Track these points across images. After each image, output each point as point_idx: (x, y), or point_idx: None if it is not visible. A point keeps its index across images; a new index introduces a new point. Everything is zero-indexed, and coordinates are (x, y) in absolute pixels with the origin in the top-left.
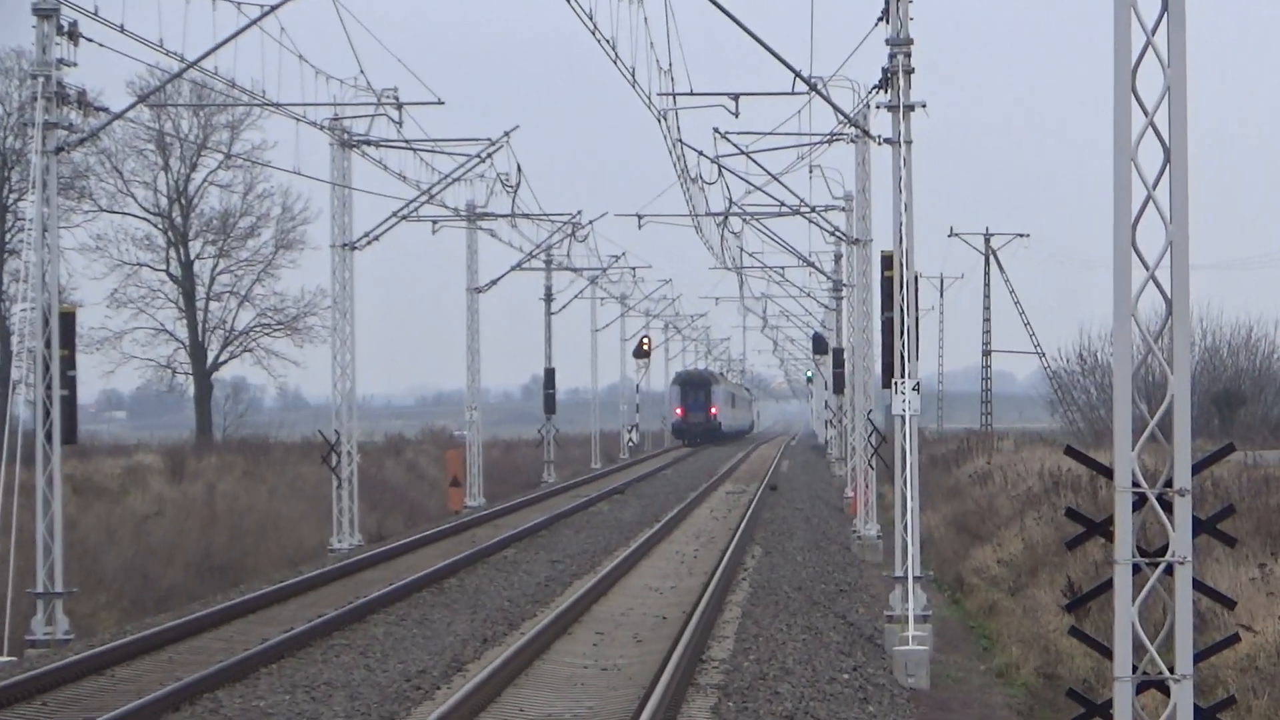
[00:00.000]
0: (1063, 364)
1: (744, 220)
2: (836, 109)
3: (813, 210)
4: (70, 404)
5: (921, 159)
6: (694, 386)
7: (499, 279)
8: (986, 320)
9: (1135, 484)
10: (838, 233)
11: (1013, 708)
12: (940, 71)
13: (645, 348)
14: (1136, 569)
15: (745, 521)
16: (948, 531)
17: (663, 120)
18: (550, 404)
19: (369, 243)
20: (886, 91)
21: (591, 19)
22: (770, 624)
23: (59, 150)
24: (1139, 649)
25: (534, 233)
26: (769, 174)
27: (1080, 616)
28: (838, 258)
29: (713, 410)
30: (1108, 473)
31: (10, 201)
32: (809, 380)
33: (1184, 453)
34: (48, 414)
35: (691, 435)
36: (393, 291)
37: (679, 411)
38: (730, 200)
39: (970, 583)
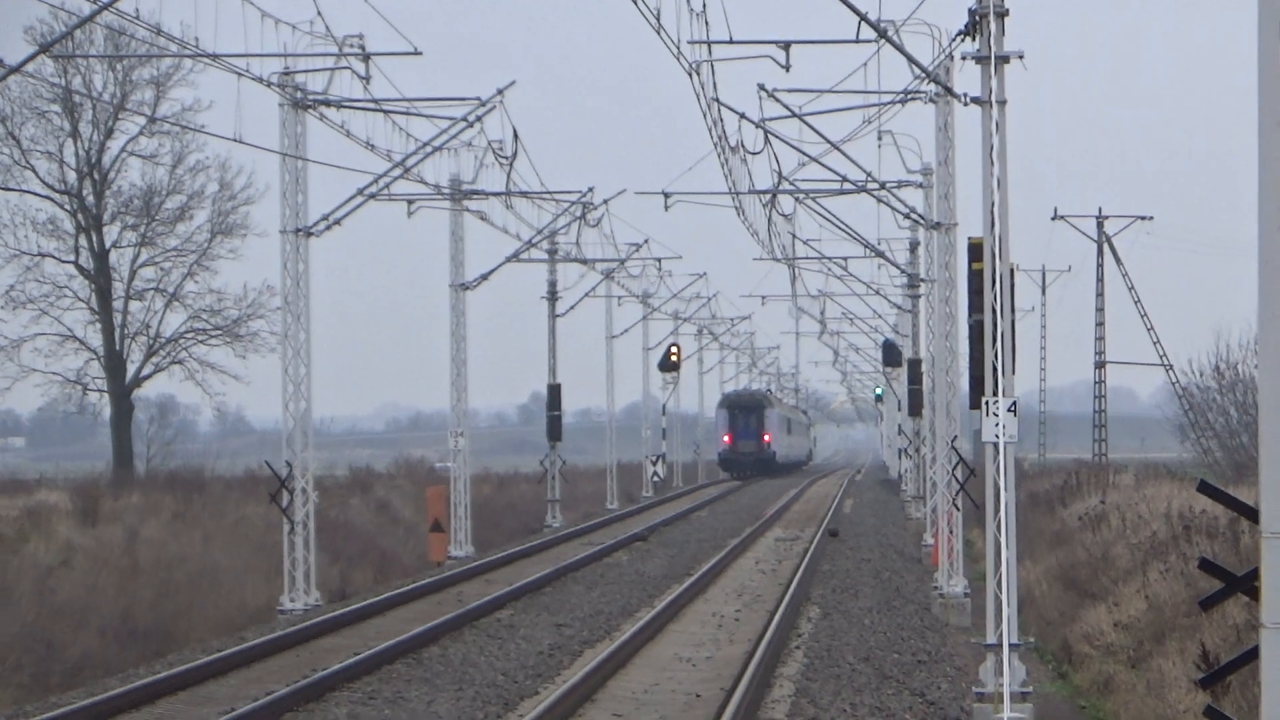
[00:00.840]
0: (1195, 379)
1: (796, 199)
2: (912, 60)
3: (882, 187)
4: None
5: (1018, 123)
6: (744, 410)
7: (491, 273)
8: (1100, 324)
9: None
10: (913, 215)
11: None
12: (1042, 17)
13: (674, 358)
14: None
15: (799, 575)
16: (1052, 587)
17: (695, 75)
18: (555, 429)
19: (329, 227)
20: (974, 39)
21: None
22: (831, 704)
23: None
24: None
25: (535, 215)
26: (828, 142)
27: (1218, 693)
28: (914, 246)
29: (766, 438)
30: (1252, 514)
31: None
32: (878, 399)
33: None
34: None
35: (741, 467)
36: (358, 289)
37: (727, 439)
38: (779, 174)
39: (1080, 652)
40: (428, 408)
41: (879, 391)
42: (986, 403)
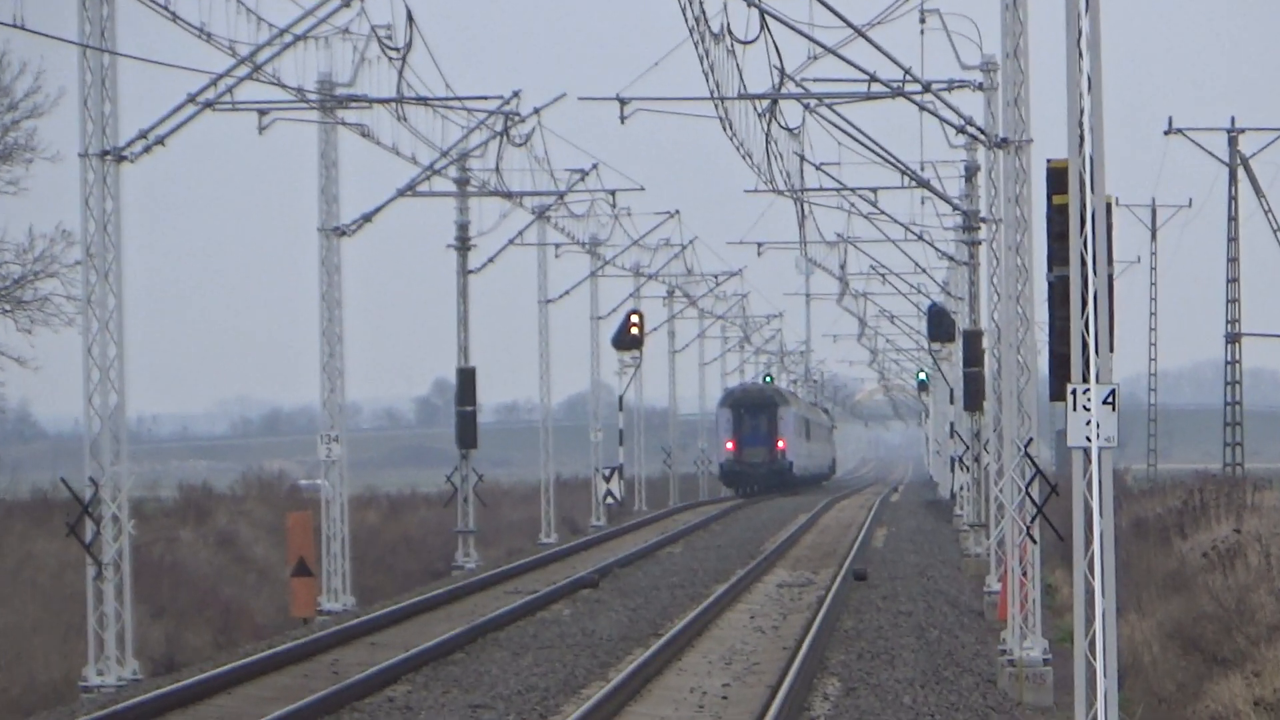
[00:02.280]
0: None
1: (806, 107)
2: None
3: (926, 90)
4: None
5: (1115, 3)
6: (753, 410)
7: (376, 212)
8: (1233, 280)
9: None
10: (970, 128)
11: None
12: None
13: (634, 330)
14: None
15: (812, 635)
16: (1167, 650)
17: None
18: (468, 431)
19: (148, 149)
20: None
21: None
22: None
23: None
24: None
25: (439, 132)
26: (849, 26)
27: None
28: (970, 173)
29: (780, 444)
30: None
31: None
32: (921, 386)
33: None
34: None
35: (749, 480)
36: (194, 237)
37: (730, 445)
38: (782, 72)
39: None
40: (289, 403)
41: (923, 376)
42: (1074, 392)
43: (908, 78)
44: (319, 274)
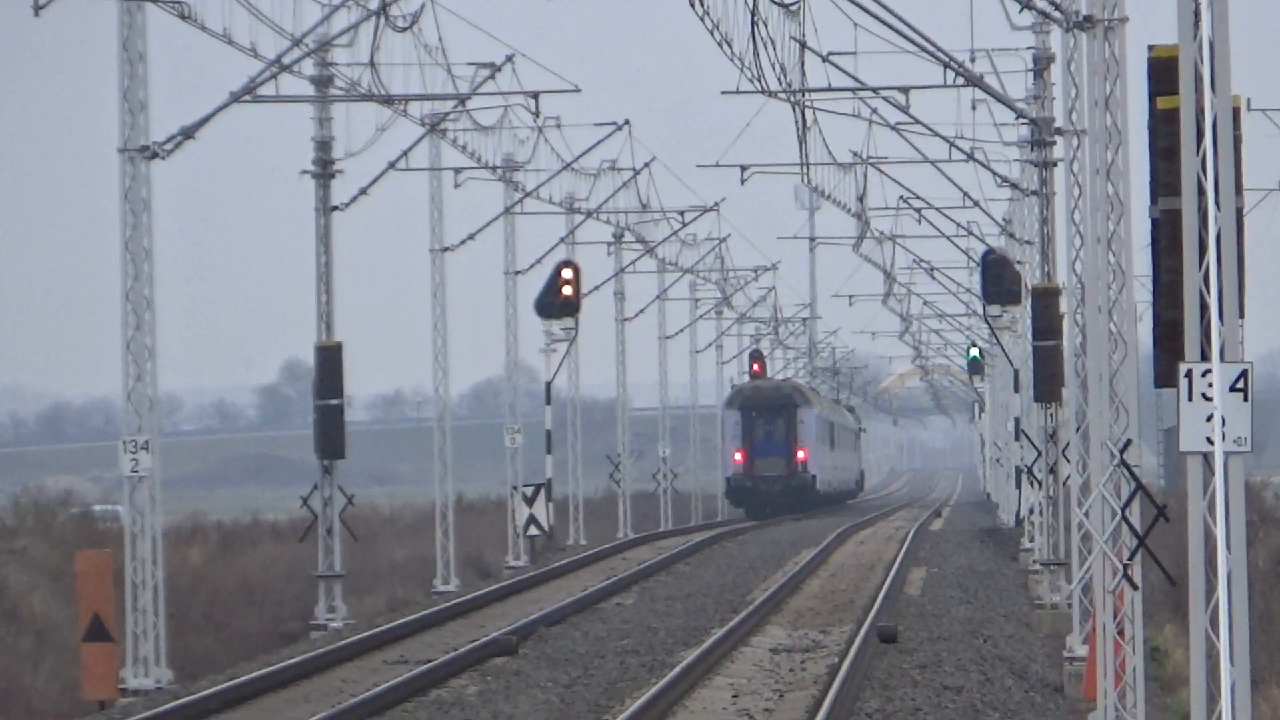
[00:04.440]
0: None
1: None
2: None
3: None
4: None
5: None
6: (766, 412)
7: (200, 125)
8: None
9: None
10: (1038, 1)
11: None
12: None
13: (566, 289)
14: None
15: None
16: None
17: None
18: (332, 433)
19: None
20: None
21: None
22: None
23: None
24: None
25: (290, 13)
26: None
27: None
28: (1039, 66)
29: (800, 454)
30: None
31: None
32: (973, 366)
33: None
34: None
35: (762, 499)
36: None
37: (739, 456)
38: None
39: None
40: (78, 395)
41: (975, 353)
42: (1189, 374)
43: None
44: (120, 212)
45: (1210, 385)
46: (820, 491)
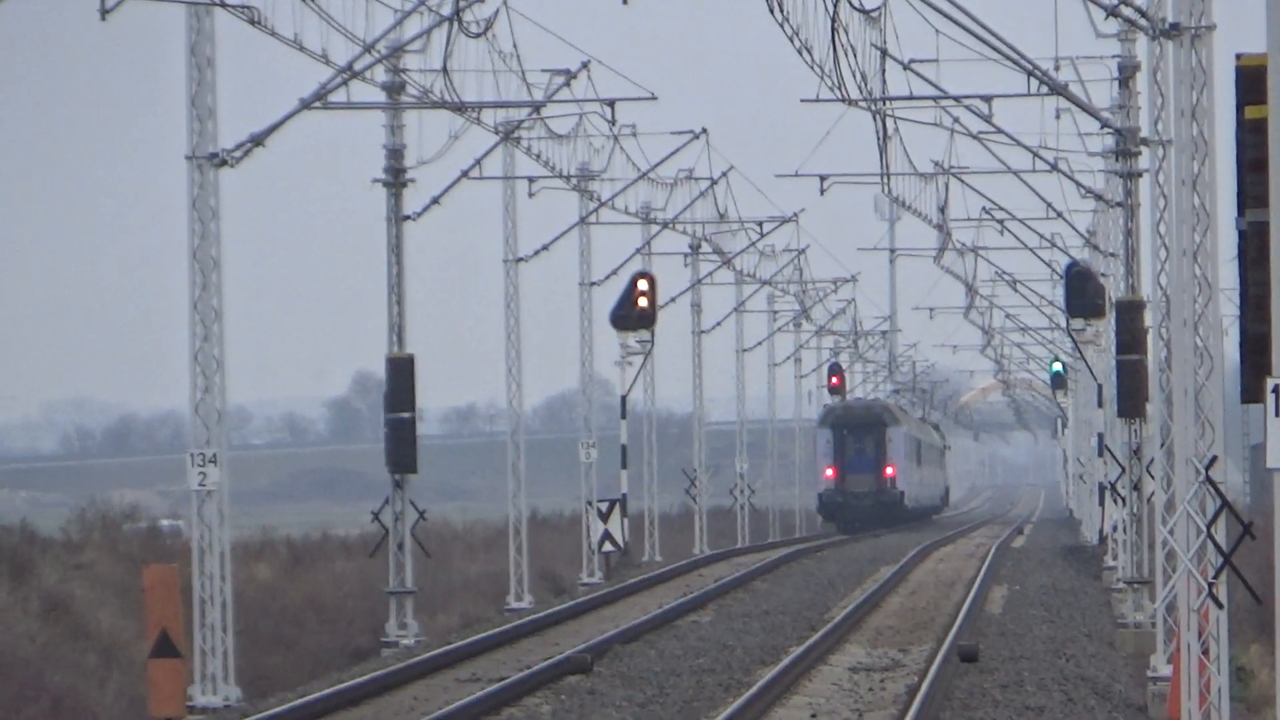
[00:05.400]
0: None
1: None
2: None
3: None
4: None
5: None
6: (857, 430)
7: (269, 131)
8: None
9: None
10: (1124, 8)
11: None
12: None
13: (642, 300)
14: None
15: None
16: None
17: None
18: (404, 447)
19: None
20: None
21: None
22: None
23: None
24: None
25: (362, 19)
26: None
27: None
28: (1126, 75)
29: (889, 470)
30: None
31: None
32: (1056, 381)
33: None
34: None
35: (852, 513)
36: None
37: (830, 472)
38: None
39: None
40: (145, 408)
41: (1058, 367)
42: (1276, 388)
43: None
44: (188, 220)
45: None
46: (908, 507)
